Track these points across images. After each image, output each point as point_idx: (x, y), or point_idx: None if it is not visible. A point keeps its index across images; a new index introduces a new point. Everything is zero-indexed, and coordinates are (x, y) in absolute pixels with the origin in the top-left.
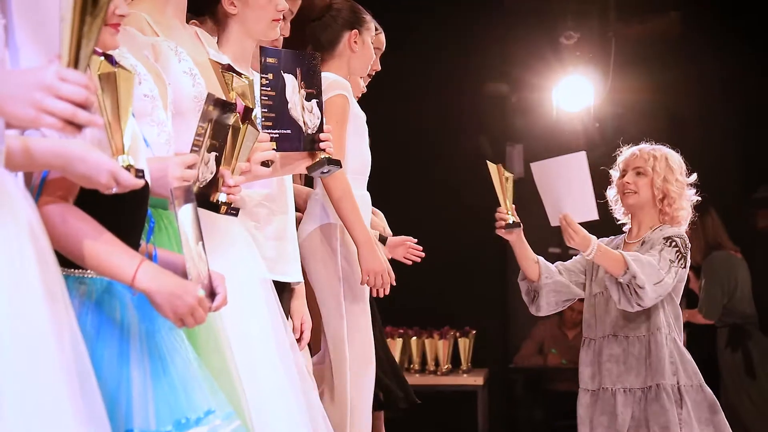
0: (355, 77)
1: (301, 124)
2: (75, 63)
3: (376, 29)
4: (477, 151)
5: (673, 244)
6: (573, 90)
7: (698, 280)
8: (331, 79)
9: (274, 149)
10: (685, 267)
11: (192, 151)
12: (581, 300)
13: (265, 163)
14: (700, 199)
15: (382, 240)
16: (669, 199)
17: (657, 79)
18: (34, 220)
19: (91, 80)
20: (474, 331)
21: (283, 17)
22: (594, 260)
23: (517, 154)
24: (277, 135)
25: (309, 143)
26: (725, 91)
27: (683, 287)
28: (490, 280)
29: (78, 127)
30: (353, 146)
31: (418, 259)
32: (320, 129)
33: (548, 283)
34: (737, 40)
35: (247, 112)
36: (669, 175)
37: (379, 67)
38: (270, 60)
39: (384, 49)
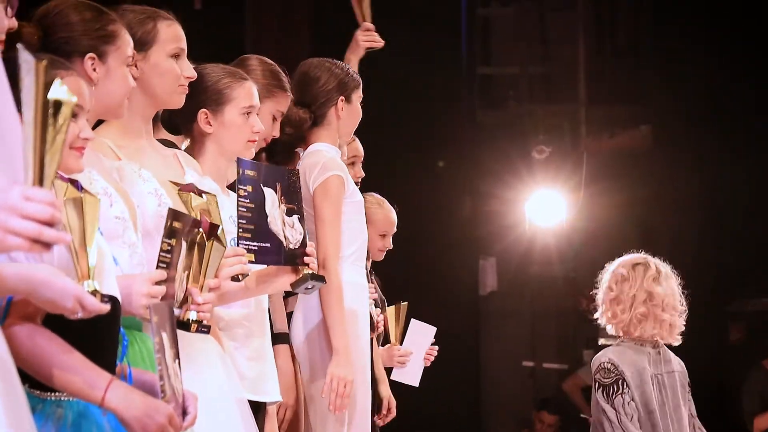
0: (342, 143)
1: (282, 239)
2: (39, 181)
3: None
4: (449, 264)
5: (597, 384)
6: (545, 204)
7: None
8: (325, 158)
9: (251, 261)
10: (621, 392)
11: (158, 267)
12: None
13: (236, 278)
14: None
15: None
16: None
17: (628, 193)
18: None
19: (56, 198)
20: None
21: (273, 118)
22: None
23: (491, 267)
24: (256, 248)
25: (291, 258)
26: (696, 204)
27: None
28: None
29: (46, 245)
30: (352, 229)
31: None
32: (303, 244)
33: None
34: (708, 154)
35: (213, 228)
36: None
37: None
38: (249, 172)
39: (361, 155)
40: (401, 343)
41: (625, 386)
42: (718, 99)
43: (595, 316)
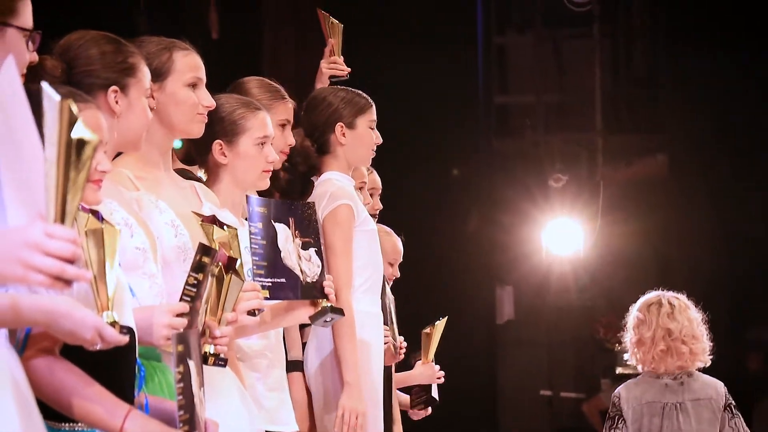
0: (359, 168)
1: (298, 273)
2: (61, 218)
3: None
4: (466, 293)
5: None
6: (562, 232)
7: None
8: (334, 187)
9: (266, 297)
10: (614, 426)
11: (182, 300)
12: None
13: (252, 312)
14: None
15: None
16: None
17: (645, 221)
18: (17, 372)
19: (78, 235)
20: None
21: (282, 127)
22: None
23: (507, 296)
24: (270, 284)
25: (308, 292)
26: (713, 232)
27: None
28: None
29: (67, 282)
30: (364, 258)
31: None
32: (321, 276)
33: None
34: (724, 183)
35: (231, 261)
36: None
37: (380, 206)
38: (258, 209)
39: (379, 188)
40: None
41: (620, 422)
42: (733, 128)
43: (626, 358)
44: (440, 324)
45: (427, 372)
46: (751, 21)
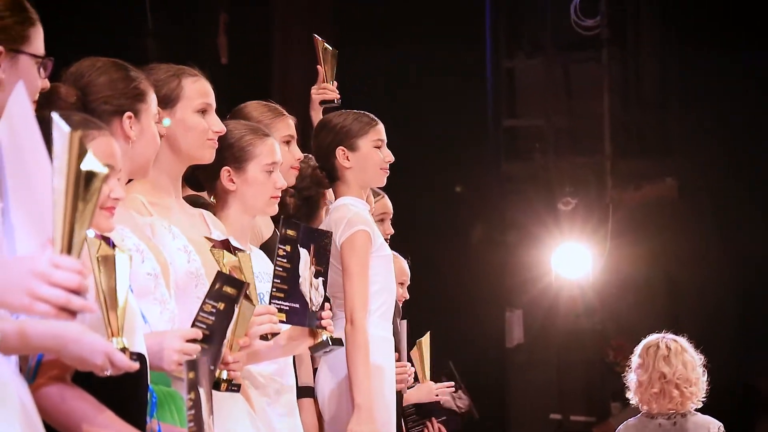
0: (368, 191)
1: (308, 300)
2: (68, 249)
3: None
4: (475, 316)
5: None
6: (571, 256)
7: None
8: (351, 212)
9: (282, 321)
10: None
11: (195, 325)
12: None
13: (264, 337)
14: None
15: None
16: None
17: (654, 245)
18: (26, 400)
19: (85, 265)
20: None
21: (287, 144)
22: None
23: (517, 320)
24: (287, 308)
25: (312, 320)
26: (722, 256)
27: None
28: None
29: (72, 313)
30: (379, 283)
31: None
32: (322, 307)
33: None
34: (733, 207)
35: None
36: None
37: (392, 231)
38: (290, 232)
39: (390, 212)
40: (432, 378)
41: None
42: (743, 152)
43: (629, 397)
44: (424, 341)
45: (424, 390)
46: (763, 46)
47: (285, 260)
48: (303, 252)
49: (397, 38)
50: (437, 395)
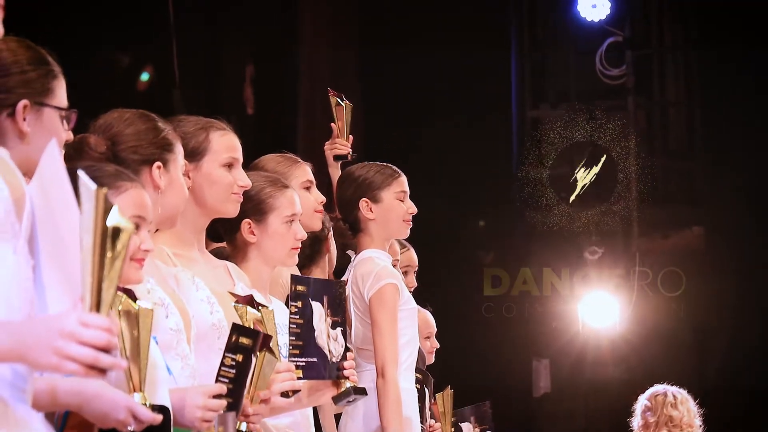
0: (392, 242)
1: (327, 353)
2: (97, 306)
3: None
4: (502, 366)
5: None
6: (598, 305)
7: None
8: (378, 266)
9: (300, 377)
10: None
11: (218, 380)
12: None
13: (285, 394)
14: None
15: None
16: None
17: (682, 294)
18: None
19: (114, 323)
20: None
21: (307, 189)
22: None
23: (544, 369)
24: (304, 363)
25: (333, 372)
26: (750, 305)
27: None
28: None
29: (101, 371)
30: (407, 337)
31: None
32: (344, 357)
33: None
34: (761, 256)
35: (266, 339)
36: None
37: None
38: (299, 288)
39: (415, 265)
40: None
41: None
42: None
43: None
44: (445, 395)
45: None
46: None
47: (297, 316)
48: (316, 305)
49: (423, 87)
50: None
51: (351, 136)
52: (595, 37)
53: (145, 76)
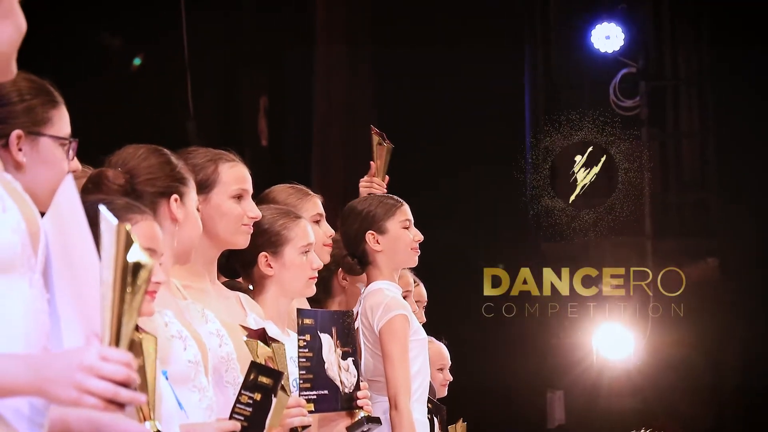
0: (403, 271)
1: (338, 384)
2: (116, 340)
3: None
4: (516, 397)
5: None
6: (613, 336)
7: None
8: (387, 297)
9: (311, 411)
10: None
11: (233, 418)
12: None
13: (295, 430)
14: None
15: None
16: None
17: (697, 325)
18: None
19: (133, 357)
20: None
21: (317, 222)
22: None
23: (558, 401)
24: (315, 397)
25: (346, 402)
26: (766, 336)
27: None
28: None
29: (120, 405)
30: (417, 367)
31: None
32: (357, 387)
33: None
34: None
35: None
36: None
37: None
38: (306, 321)
39: (425, 300)
40: None
41: None
42: None
43: None
44: (458, 427)
45: None
46: None
47: (306, 350)
48: (325, 337)
49: (437, 120)
50: None
51: (387, 177)
52: (609, 68)
53: (137, 61)
